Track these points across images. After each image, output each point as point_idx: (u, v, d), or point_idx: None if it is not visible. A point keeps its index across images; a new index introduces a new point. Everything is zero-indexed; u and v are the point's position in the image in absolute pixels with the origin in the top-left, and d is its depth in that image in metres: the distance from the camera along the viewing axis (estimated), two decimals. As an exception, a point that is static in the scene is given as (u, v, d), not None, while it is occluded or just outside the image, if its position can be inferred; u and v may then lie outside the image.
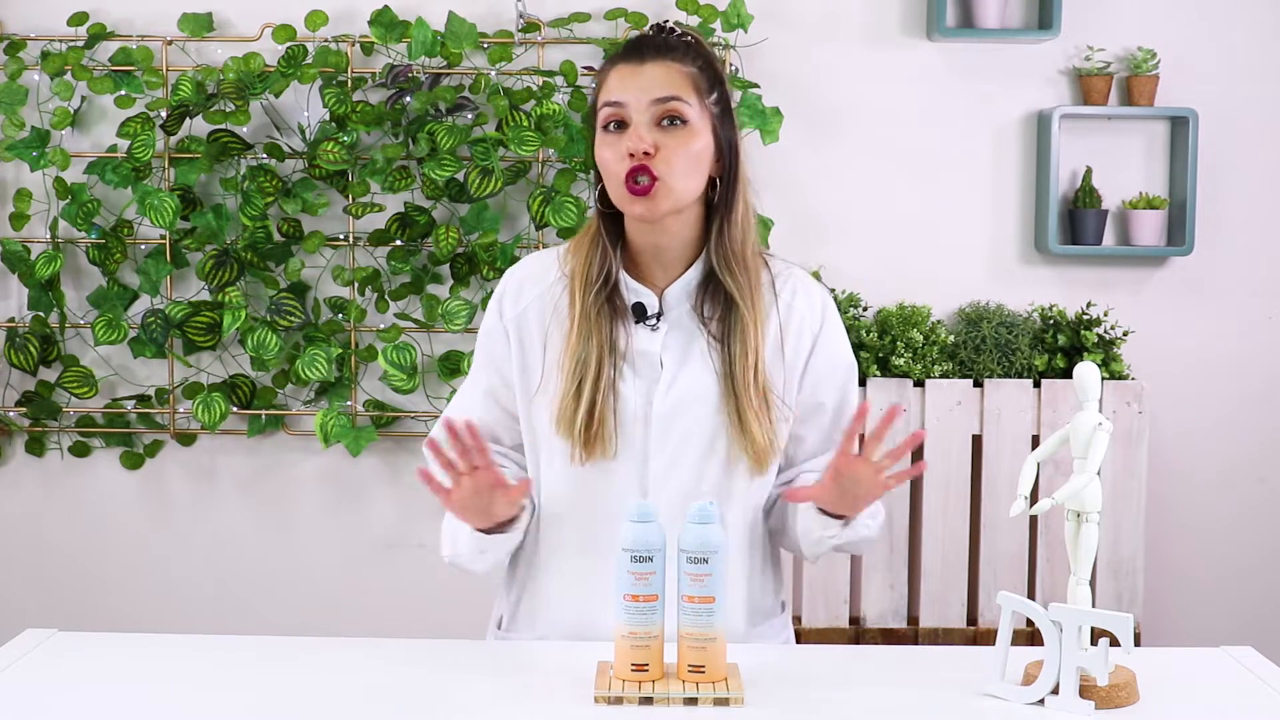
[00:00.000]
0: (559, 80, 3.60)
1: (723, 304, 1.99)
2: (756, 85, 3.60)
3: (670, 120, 1.94)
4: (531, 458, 2.06)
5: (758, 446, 1.97)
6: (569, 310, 2.00)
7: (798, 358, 2.04)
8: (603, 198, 2.00)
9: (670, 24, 2.02)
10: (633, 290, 2.01)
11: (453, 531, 2.00)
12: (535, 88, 3.60)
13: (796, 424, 2.05)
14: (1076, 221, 3.68)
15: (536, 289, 2.05)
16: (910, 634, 3.62)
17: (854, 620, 3.65)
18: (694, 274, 2.01)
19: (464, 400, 2.11)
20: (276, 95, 3.61)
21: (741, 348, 1.97)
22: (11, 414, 3.72)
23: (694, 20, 3.61)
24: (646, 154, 1.92)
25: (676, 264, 2.02)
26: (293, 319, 3.60)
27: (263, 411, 3.69)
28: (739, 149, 2.01)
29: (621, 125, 1.95)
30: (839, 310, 3.59)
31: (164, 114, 3.57)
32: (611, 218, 2.02)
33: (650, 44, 1.98)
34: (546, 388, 2.00)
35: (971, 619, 3.65)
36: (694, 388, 1.98)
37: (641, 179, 1.92)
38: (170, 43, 3.65)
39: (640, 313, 2.00)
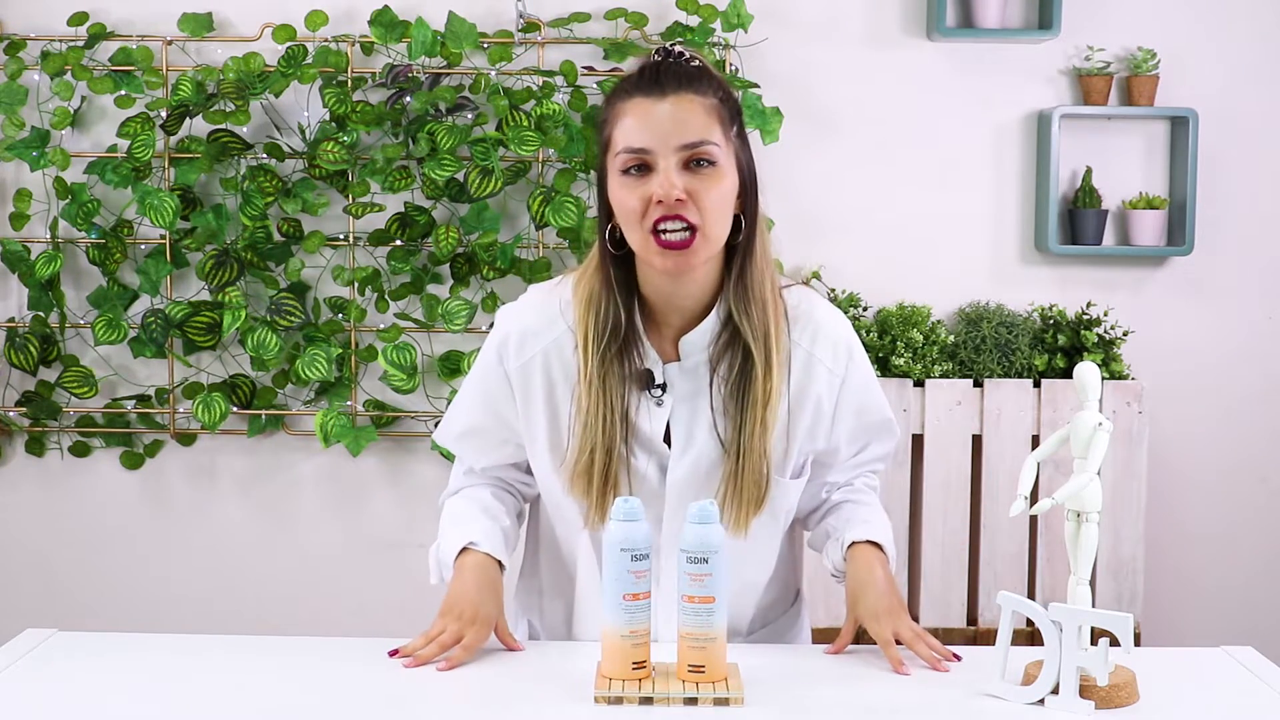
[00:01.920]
0: (559, 80, 3.60)
1: (741, 356, 1.87)
2: (756, 85, 3.60)
3: (699, 162, 1.79)
4: (542, 490, 2.03)
5: (745, 505, 1.89)
6: (578, 369, 1.90)
7: (823, 404, 1.95)
8: (613, 240, 1.86)
9: (678, 47, 1.85)
10: (644, 350, 1.90)
11: (441, 563, 1.98)
12: (535, 88, 3.60)
13: (830, 452, 2.01)
14: (1076, 221, 3.68)
15: (540, 343, 1.93)
16: (910, 634, 3.62)
17: (854, 620, 3.65)
18: (712, 320, 1.88)
19: (455, 426, 2.04)
20: (276, 95, 3.61)
21: (752, 413, 1.87)
22: (11, 414, 3.72)
23: (694, 20, 3.61)
24: (679, 200, 1.77)
25: (693, 309, 1.89)
26: (293, 319, 3.60)
27: (263, 411, 3.69)
28: (758, 181, 1.87)
29: (644, 168, 1.79)
30: (834, 304, 3.61)
31: (164, 114, 3.57)
32: (619, 261, 1.87)
33: (669, 73, 1.81)
34: (557, 444, 1.94)
35: (971, 619, 3.65)
36: (703, 459, 1.91)
37: (672, 228, 1.78)
38: (170, 43, 3.65)
39: (648, 380, 1.90)
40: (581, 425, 1.88)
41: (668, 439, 1.91)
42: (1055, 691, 1.69)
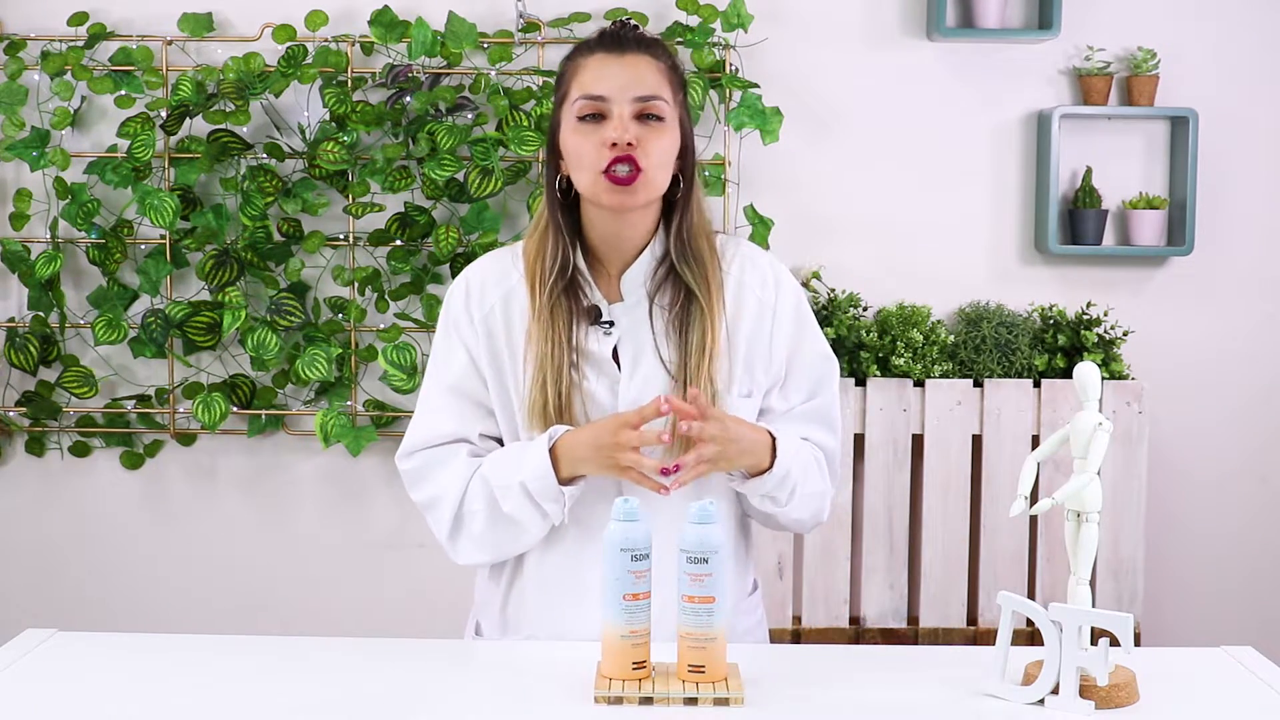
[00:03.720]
0: (559, 80, 3.60)
1: (683, 293, 2.02)
2: (756, 85, 3.60)
3: (648, 116, 1.98)
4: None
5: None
6: (530, 308, 2.02)
7: (758, 332, 2.05)
8: (563, 188, 2.03)
9: (632, 20, 2.07)
10: (589, 289, 2.02)
11: (520, 482, 1.97)
12: (535, 88, 3.60)
13: (775, 394, 2.08)
14: (1076, 221, 3.68)
15: (499, 290, 2.05)
16: (910, 634, 3.62)
17: (854, 620, 3.65)
18: (648, 257, 2.04)
19: (431, 410, 2.06)
20: (276, 95, 3.61)
21: (699, 342, 1.99)
22: (11, 414, 3.72)
23: (694, 20, 3.61)
24: (630, 145, 1.95)
25: (632, 253, 2.05)
26: (293, 319, 3.60)
27: (263, 411, 3.69)
28: (694, 146, 2.07)
29: (599, 117, 1.98)
30: (834, 304, 3.62)
31: (164, 114, 3.57)
32: (566, 208, 2.04)
33: (628, 37, 2.02)
34: (518, 387, 2.01)
35: (971, 619, 3.65)
36: (652, 381, 2.00)
37: (623, 168, 1.95)
38: (170, 43, 3.65)
39: (595, 315, 2.02)
40: (534, 354, 1.99)
41: (617, 364, 2.02)
42: (1055, 691, 1.69)
